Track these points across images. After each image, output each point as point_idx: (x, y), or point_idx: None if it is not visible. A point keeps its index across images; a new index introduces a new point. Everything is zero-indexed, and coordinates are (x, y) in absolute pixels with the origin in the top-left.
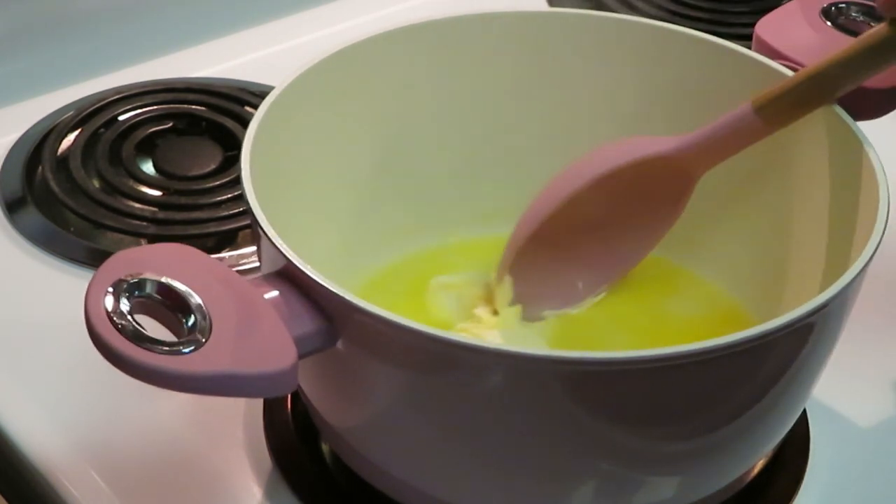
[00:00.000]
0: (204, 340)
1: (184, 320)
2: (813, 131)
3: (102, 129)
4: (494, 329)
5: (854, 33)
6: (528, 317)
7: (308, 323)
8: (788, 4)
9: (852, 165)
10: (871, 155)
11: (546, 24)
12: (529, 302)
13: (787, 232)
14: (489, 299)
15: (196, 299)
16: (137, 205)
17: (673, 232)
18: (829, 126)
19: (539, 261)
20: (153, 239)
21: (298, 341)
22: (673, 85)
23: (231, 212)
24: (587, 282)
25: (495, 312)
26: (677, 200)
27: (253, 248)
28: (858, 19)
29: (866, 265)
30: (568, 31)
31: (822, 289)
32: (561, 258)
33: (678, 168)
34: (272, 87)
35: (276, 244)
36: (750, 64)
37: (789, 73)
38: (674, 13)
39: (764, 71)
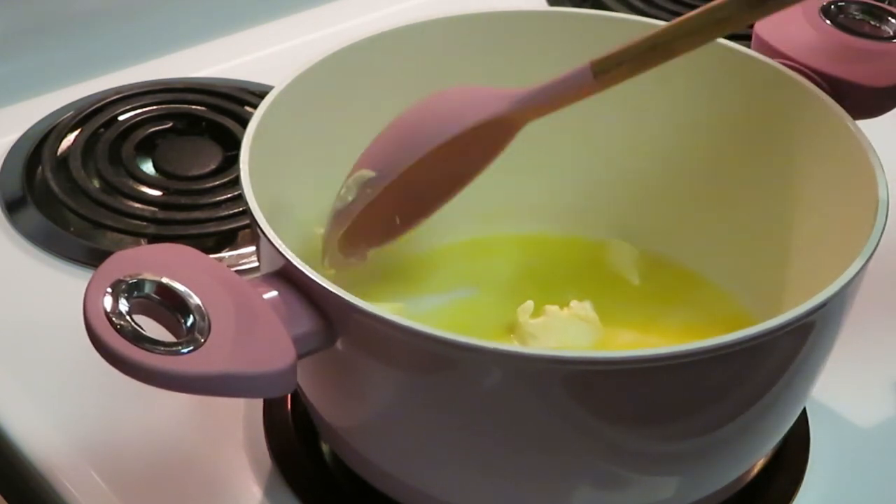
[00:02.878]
0: (203, 341)
1: (182, 321)
2: (812, 131)
3: (102, 129)
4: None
5: (854, 32)
6: (353, 255)
7: (307, 323)
8: None
9: (852, 165)
10: (871, 154)
11: (546, 24)
12: (354, 241)
13: (787, 231)
14: None
15: (195, 300)
16: (137, 205)
17: (672, 231)
18: (828, 126)
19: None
20: (153, 239)
21: (297, 341)
22: (672, 84)
23: (231, 212)
24: (404, 217)
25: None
26: (499, 146)
27: (252, 248)
28: (858, 17)
29: (865, 264)
30: (568, 31)
31: (822, 288)
32: (387, 196)
33: (509, 120)
34: (272, 87)
35: (275, 244)
36: (750, 63)
37: (789, 71)
38: (674, 13)
39: (764, 69)
